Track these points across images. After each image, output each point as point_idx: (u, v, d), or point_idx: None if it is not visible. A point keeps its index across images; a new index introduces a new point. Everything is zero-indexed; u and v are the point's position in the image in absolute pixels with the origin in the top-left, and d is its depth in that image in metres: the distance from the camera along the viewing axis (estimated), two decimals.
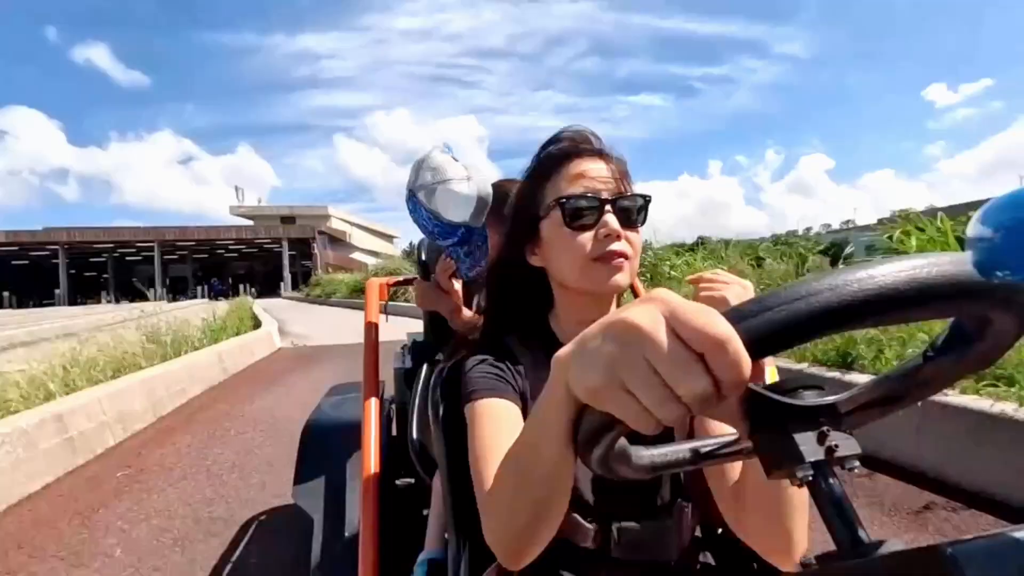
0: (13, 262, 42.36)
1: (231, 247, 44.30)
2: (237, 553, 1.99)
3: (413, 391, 1.51)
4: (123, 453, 3.28)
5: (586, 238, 0.66)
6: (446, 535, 0.79)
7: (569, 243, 0.67)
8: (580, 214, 0.66)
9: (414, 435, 1.42)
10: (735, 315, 0.28)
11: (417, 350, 1.65)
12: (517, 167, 0.77)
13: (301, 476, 1.50)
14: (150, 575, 1.88)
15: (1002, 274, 0.26)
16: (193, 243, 42.90)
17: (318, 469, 1.47)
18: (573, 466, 0.42)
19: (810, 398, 0.34)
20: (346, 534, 1.26)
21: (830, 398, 0.35)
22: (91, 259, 43.09)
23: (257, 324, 9.40)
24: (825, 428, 0.33)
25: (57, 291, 38.40)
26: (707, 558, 0.68)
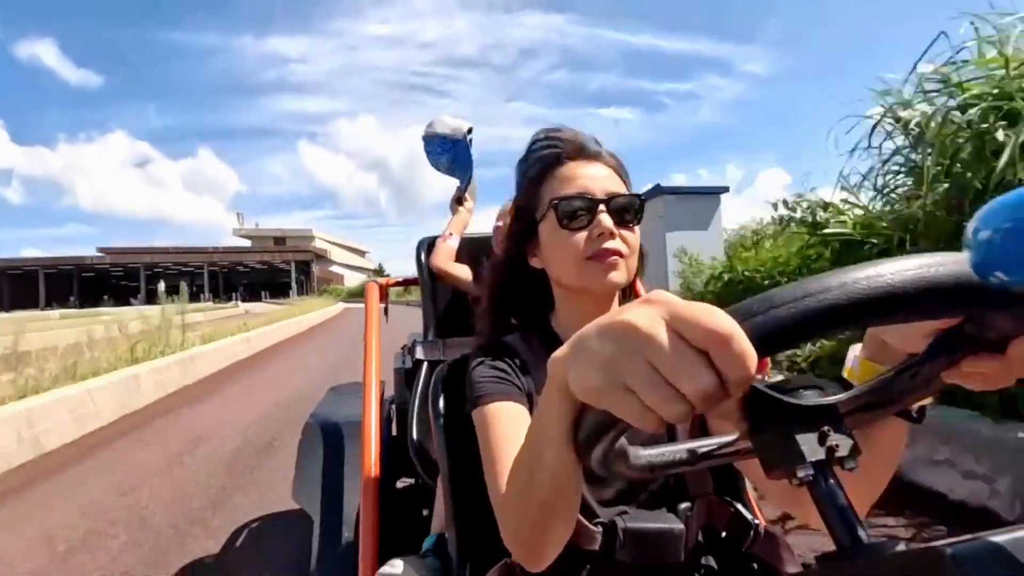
0: (83, 275, 57.34)
1: (247, 263, 60.52)
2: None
3: (413, 391, 1.52)
4: (314, 328, 14.40)
5: (580, 238, 0.67)
6: (447, 535, 0.79)
7: (564, 243, 0.68)
8: (574, 214, 0.67)
9: (414, 435, 1.42)
10: (742, 312, 0.28)
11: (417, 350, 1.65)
12: (490, 176, 0.80)
13: (301, 476, 1.49)
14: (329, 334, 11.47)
15: (999, 275, 0.26)
16: (228, 263, 59.24)
17: (318, 469, 1.47)
18: (578, 467, 0.42)
19: (811, 398, 0.35)
20: (346, 534, 1.26)
21: (831, 398, 0.35)
22: (131, 268, 57.28)
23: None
24: (826, 428, 0.33)
25: (139, 295, 51.10)
26: (709, 561, 0.68)
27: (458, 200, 1.85)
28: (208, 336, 7.92)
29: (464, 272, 1.65)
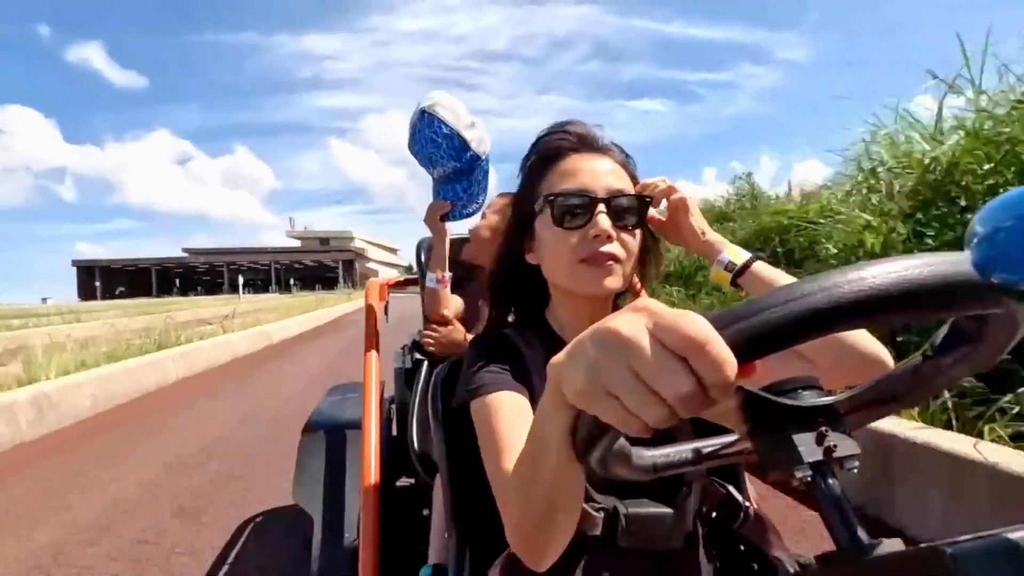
0: (175, 271, 73.84)
1: (302, 262, 73.97)
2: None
3: (413, 391, 1.52)
4: (344, 312, 17.65)
5: (576, 237, 0.64)
6: (446, 534, 0.79)
7: (558, 242, 0.65)
8: (571, 212, 0.64)
9: (414, 435, 1.42)
10: (724, 318, 0.28)
11: (417, 350, 1.66)
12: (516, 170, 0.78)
13: (301, 476, 1.49)
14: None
15: (1001, 274, 0.26)
16: (289, 261, 72.74)
17: (318, 469, 1.47)
18: (579, 469, 0.42)
19: (809, 398, 0.34)
20: (346, 534, 1.26)
21: (829, 399, 0.35)
22: (217, 267, 72.62)
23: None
24: (824, 429, 0.33)
25: (224, 286, 64.79)
26: (705, 544, 0.69)
27: (444, 217, 1.44)
28: (346, 298, 21.38)
29: (460, 304, 1.54)
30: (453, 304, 1.51)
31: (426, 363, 1.51)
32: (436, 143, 1.36)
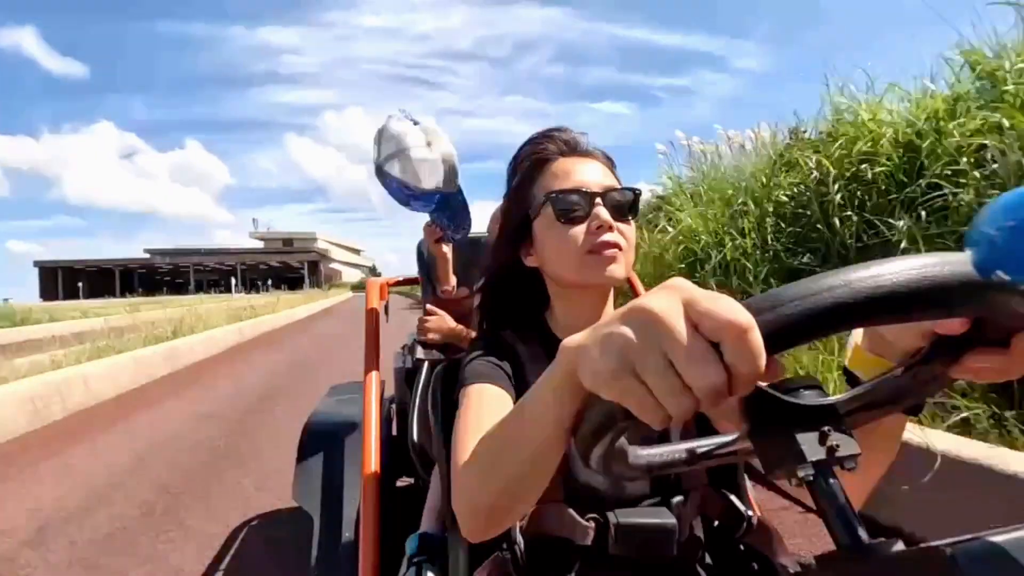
0: (138, 272, 74.97)
1: (267, 263, 75.52)
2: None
3: (413, 391, 1.51)
4: (346, 300, 31.53)
5: (578, 231, 0.67)
6: (447, 536, 0.79)
7: (562, 238, 0.67)
8: (571, 208, 0.67)
9: (414, 435, 1.42)
10: (754, 307, 0.28)
11: (417, 348, 1.66)
12: (485, 170, 0.82)
13: (301, 476, 1.49)
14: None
15: (1000, 274, 0.26)
16: (254, 262, 74.27)
17: (318, 469, 1.47)
18: (559, 454, 0.41)
19: (811, 397, 0.34)
20: (346, 534, 1.26)
21: (831, 398, 0.35)
22: (182, 268, 74.46)
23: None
24: (826, 428, 0.33)
25: (190, 287, 68.13)
26: (703, 554, 0.68)
27: (439, 240, 1.53)
28: (323, 296, 32.01)
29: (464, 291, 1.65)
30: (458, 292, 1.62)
31: (426, 363, 1.51)
32: (402, 199, 1.41)
